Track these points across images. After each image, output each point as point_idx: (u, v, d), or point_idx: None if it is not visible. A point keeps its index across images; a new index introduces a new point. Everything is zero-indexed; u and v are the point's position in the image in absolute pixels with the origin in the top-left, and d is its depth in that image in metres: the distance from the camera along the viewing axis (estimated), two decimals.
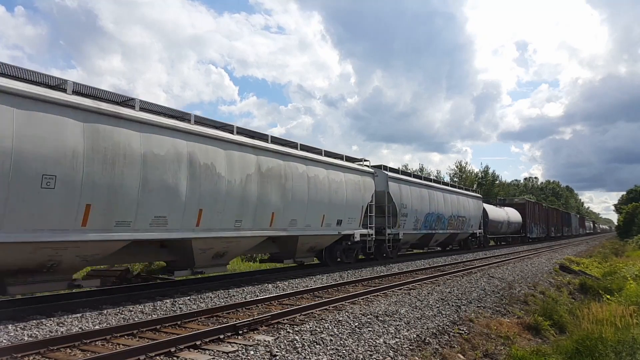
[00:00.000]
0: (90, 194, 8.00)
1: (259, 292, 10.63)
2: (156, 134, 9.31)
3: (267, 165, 12.05)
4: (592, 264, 23.69)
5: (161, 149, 9.32)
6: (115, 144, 8.45)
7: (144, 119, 9.14)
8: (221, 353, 5.81)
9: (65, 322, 7.25)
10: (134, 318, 7.74)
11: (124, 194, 8.52)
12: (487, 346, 7.80)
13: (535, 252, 28.77)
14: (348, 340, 6.62)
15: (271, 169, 12.17)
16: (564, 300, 12.96)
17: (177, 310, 8.40)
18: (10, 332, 6.55)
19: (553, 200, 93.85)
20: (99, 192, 8.14)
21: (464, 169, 66.78)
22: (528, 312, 10.71)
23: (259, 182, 11.69)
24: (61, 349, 5.90)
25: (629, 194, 77.57)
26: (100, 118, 8.35)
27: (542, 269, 18.52)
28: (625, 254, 30.77)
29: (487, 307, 10.20)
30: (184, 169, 9.70)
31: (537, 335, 9.47)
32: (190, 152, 9.91)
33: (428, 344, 7.07)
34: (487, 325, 8.81)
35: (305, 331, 6.87)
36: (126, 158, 8.60)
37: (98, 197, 8.12)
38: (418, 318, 8.31)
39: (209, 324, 7.41)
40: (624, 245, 42.25)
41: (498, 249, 31.02)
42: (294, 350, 6.00)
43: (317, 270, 15.05)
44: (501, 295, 11.76)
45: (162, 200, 9.24)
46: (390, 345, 6.63)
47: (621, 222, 63.62)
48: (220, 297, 9.85)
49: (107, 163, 8.27)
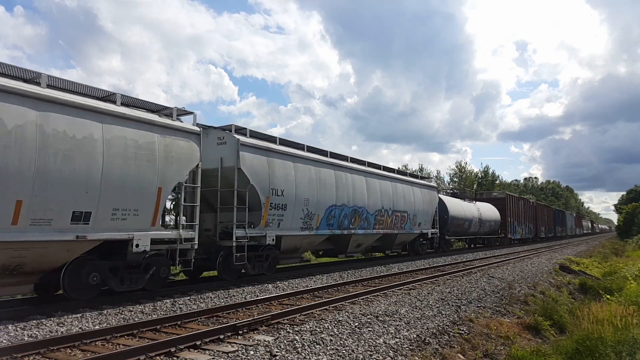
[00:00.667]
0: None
1: (259, 292, 10.63)
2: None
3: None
4: (592, 264, 23.71)
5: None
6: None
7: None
8: (221, 353, 5.81)
9: (65, 322, 7.25)
10: (134, 318, 7.74)
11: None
12: (487, 346, 7.80)
13: (536, 252, 28.76)
14: (348, 340, 6.62)
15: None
16: (564, 300, 12.97)
17: (177, 310, 8.40)
18: (10, 332, 6.55)
19: (553, 200, 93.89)
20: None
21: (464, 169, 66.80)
22: (528, 312, 10.71)
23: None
24: (61, 349, 5.90)
25: (629, 194, 77.62)
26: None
27: (542, 269, 18.51)
28: (625, 254, 30.79)
29: (487, 307, 10.20)
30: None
31: (537, 335, 9.47)
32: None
33: (428, 344, 7.07)
34: (487, 325, 8.81)
35: (305, 331, 6.87)
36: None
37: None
38: (418, 318, 8.31)
39: (209, 324, 7.41)
40: (624, 245, 42.28)
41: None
42: (294, 350, 6.00)
43: (317, 270, 15.07)
44: (501, 295, 11.76)
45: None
46: (390, 345, 6.63)
47: (621, 222, 63.63)
48: (220, 297, 9.85)
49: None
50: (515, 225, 37.61)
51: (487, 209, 32.03)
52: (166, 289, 10.25)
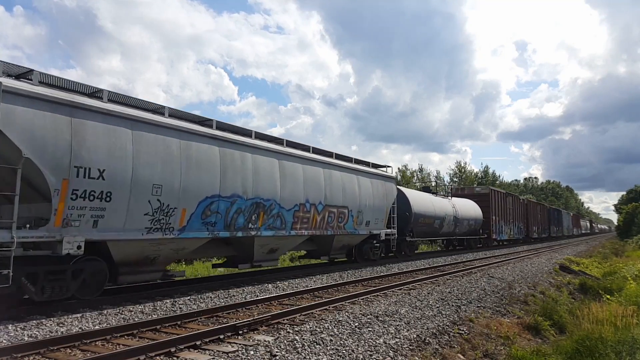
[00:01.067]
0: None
1: (259, 292, 10.63)
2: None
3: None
4: (592, 264, 23.71)
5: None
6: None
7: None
8: (221, 353, 5.81)
9: (65, 322, 7.25)
10: (134, 318, 7.74)
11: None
12: (487, 346, 7.80)
13: (536, 252, 28.76)
14: (348, 340, 6.62)
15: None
16: (564, 300, 12.96)
17: (177, 310, 8.40)
18: (10, 332, 6.55)
19: (553, 200, 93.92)
20: None
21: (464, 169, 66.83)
22: (528, 312, 10.71)
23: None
24: (61, 349, 5.90)
25: (629, 194, 77.57)
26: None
27: (542, 269, 18.52)
28: (625, 254, 30.77)
29: (487, 307, 10.20)
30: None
31: (537, 335, 9.47)
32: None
33: (428, 344, 7.07)
34: (487, 325, 8.81)
35: (305, 331, 6.87)
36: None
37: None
38: (418, 318, 8.31)
39: (209, 324, 7.41)
40: (624, 246, 42.27)
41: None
42: (294, 350, 6.00)
43: (317, 270, 15.06)
44: (501, 295, 11.76)
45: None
46: (390, 345, 6.63)
47: (621, 222, 63.62)
48: (220, 297, 9.85)
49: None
50: (502, 224, 33.73)
51: (465, 206, 27.97)
52: (166, 289, 10.27)
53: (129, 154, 8.93)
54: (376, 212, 17.27)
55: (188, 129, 10.28)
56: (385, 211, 17.99)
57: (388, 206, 18.24)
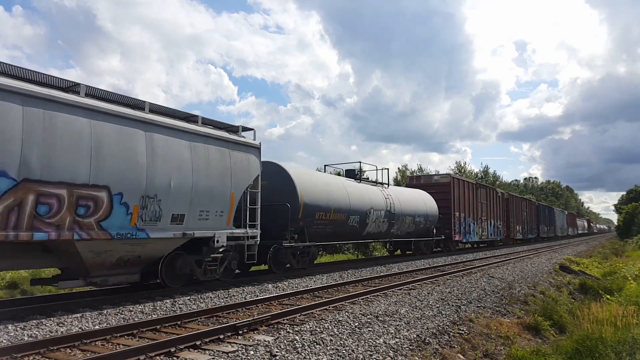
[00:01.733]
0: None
1: (259, 292, 10.63)
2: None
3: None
4: (592, 264, 23.71)
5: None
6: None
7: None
8: (221, 353, 5.81)
9: (65, 322, 7.25)
10: (134, 318, 7.74)
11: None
12: (487, 346, 7.81)
13: (536, 252, 28.77)
14: (348, 340, 6.62)
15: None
16: (564, 300, 12.96)
17: (177, 310, 8.40)
18: (10, 332, 6.55)
19: (553, 200, 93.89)
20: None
21: (464, 169, 66.79)
22: (528, 312, 10.71)
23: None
24: (61, 349, 5.90)
25: (628, 194, 77.68)
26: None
27: (542, 269, 18.52)
28: (625, 254, 30.78)
29: (487, 307, 10.20)
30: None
31: (537, 335, 9.47)
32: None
33: (428, 344, 7.07)
34: (487, 325, 8.81)
35: (305, 331, 6.87)
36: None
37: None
38: (418, 318, 8.31)
39: (209, 324, 7.41)
40: (624, 245, 42.27)
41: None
42: (294, 350, 6.00)
43: (317, 270, 15.05)
44: (501, 295, 11.76)
45: None
46: (390, 345, 6.63)
47: (621, 222, 63.65)
48: (220, 297, 9.85)
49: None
50: (470, 222, 26.75)
51: (411, 198, 21.26)
52: (166, 289, 10.27)
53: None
54: (207, 200, 10.52)
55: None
56: (229, 198, 11.11)
57: (239, 191, 11.46)
